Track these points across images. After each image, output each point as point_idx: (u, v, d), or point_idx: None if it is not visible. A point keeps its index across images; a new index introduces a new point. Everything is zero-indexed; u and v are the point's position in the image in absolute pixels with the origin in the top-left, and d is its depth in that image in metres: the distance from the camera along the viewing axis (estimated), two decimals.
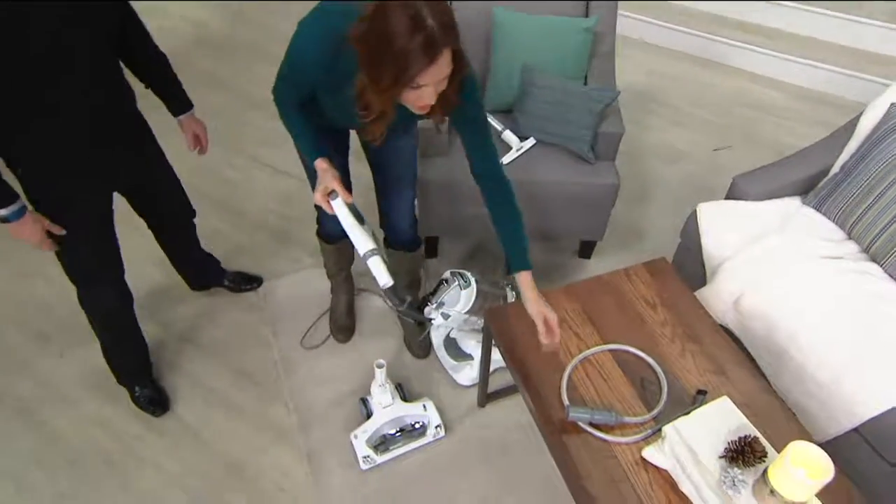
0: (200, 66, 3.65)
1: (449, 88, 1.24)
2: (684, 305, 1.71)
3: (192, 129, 1.89)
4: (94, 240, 1.70)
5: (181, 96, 1.82)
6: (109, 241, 1.75)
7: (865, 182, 1.81)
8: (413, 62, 1.10)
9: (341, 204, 1.47)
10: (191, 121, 1.87)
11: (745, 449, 1.26)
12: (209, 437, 1.97)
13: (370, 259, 1.47)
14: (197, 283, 2.35)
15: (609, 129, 2.19)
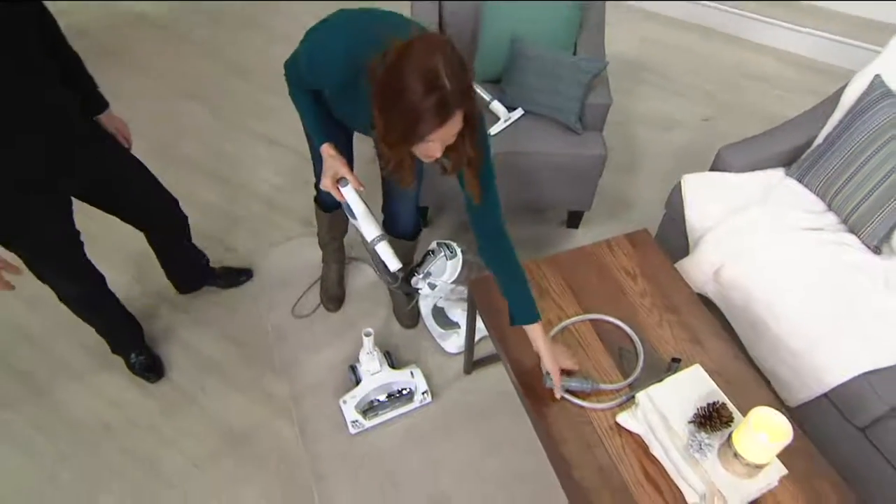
0: (194, 35, 3.60)
1: (462, 144, 1.23)
2: (664, 276, 1.75)
3: (113, 125, 1.78)
4: (49, 251, 1.66)
5: (96, 96, 1.72)
6: (66, 241, 1.70)
7: (847, 154, 1.83)
8: (423, 121, 1.09)
9: (351, 191, 1.48)
10: (110, 118, 1.77)
11: (713, 414, 1.32)
12: (203, 402, 2.03)
13: (378, 245, 1.49)
14: (185, 282, 2.29)
15: (597, 99, 2.19)
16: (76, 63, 1.63)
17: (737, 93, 3.26)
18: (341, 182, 1.48)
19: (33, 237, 1.59)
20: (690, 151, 2.90)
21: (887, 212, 1.74)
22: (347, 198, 1.49)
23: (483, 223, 1.49)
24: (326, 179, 1.47)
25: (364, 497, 1.82)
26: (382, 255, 1.50)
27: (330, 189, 1.47)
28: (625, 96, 3.19)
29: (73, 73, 1.62)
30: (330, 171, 1.47)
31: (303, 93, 1.51)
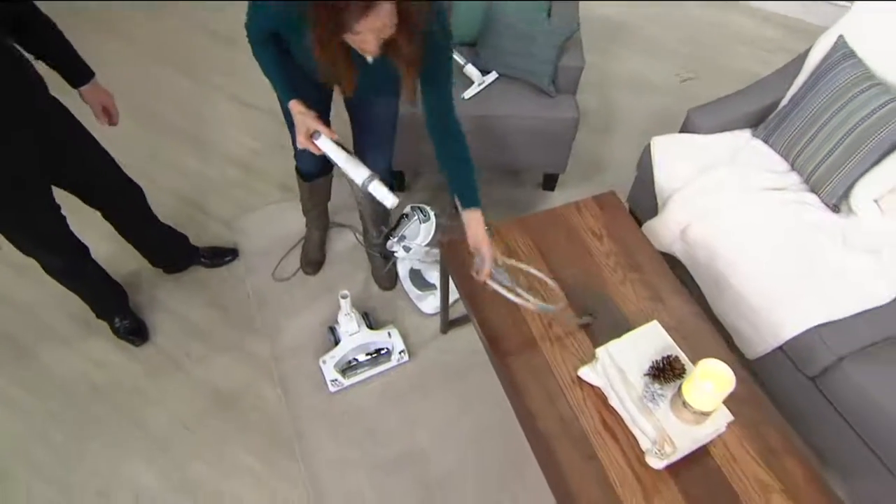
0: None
1: (400, 38, 1.25)
2: (629, 237, 1.80)
3: (98, 99, 1.69)
4: (30, 227, 1.65)
5: (79, 65, 1.63)
6: (48, 219, 1.69)
7: (809, 114, 1.87)
8: (348, 10, 1.13)
9: (326, 141, 1.49)
10: (95, 91, 1.68)
11: (666, 367, 1.39)
12: (187, 365, 2.10)
13: (371, 184, 1.48)
14: (171, 265, 2.29)
15: (570, 62, 2.20)
16: (50, 31, 1.56)
17: (715, 53, 3.26)
18: (315, 136, 1.49)
19: (9, 213, 1.59)
20: (667, 113, 2.92)
21: (845, 171, 1.79)
22: (324, 149, 1.50)
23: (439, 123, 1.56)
24: (300, 136, 1.49)
25: (344, 452, 1.91)
26: (377, 193, 1.48)
27: (306, 145, 1.49)
28: (603, 57, 3.19)
29: (47, 42, 1.56)
30: (302, 126, 1.49)
31: (265, 49, 1.51)
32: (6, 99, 1.44)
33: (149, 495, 1.83)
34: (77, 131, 1.69)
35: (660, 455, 1.35)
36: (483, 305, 1.65)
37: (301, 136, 1.49)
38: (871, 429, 1.59)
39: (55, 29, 1.57)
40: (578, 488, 1.36)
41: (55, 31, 1.58)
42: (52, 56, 1.59)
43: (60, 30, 1.58)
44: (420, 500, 1.82)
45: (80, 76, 1.65)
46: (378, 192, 1.49)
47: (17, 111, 1.49)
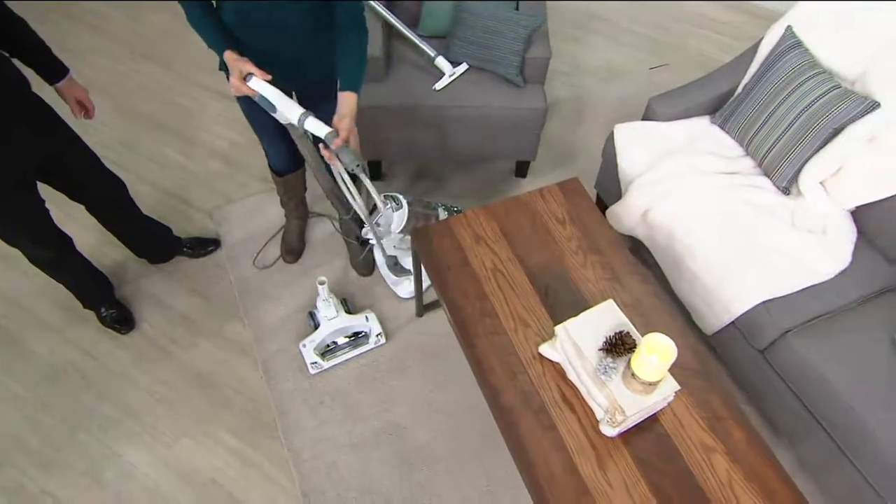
0: None
1: None
2: (591, 221, 1.90)
3: (74, 94, 1.74)
4: (14, 219, 1.71)
5: (53, 62, 1.68)
6: (33, 213, 1.75)
7: (761, 102, 1.96)
8: None
9: (258, 82, 1.54)
10: (71, 87, 1.73)
11: (619, 342, 1.49)
12: (172, 350, 2.18)
13: (306, 121, 1.54)
14: (155, 256, 2.37)
15: (536, 53, 2.28)
16: (22, 30, 1.61)
17: (686, 42, 3.34)
18: (247, 78, 1.54)
19: None
20: (635, 100, 3.00)
21: (793, 155, 1.89)
22: (258, 89, 1.54)
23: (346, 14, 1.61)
24: (234, 79, 1.53)
25: (325, 430, 2.00)
26: (311, 128, 1.54)
27: (242, 89, 1.54)
28: (575, 46, 3.26)
29: (21, 42, 1.61)
30: (235, 71, 1.53)
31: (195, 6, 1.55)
32: (3, 97, 1.51)
33: (138, 474, 1.92)
34: (61, 127, 1.75)
35: (612, 423, 1.46)
36: (452, 290, 1.75)
37: (235, 79, 1.53)
38: (813, 397, 1.71)
39: (28, 27, 1.62)
40: (538, 456, 1.46)
41: (28, 30, 1.63)
42: (27, 54, 1.63)
43: (33, 28, 1.63)
44: (398, 473, 1.92)
45: (55, 73, 1.71)
46: (313, 126, 1.54)
47: (14, 108, 1.56)
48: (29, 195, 1.73)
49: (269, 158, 2.16)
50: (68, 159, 1.80)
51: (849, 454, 1.66)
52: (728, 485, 1.41)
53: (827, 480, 1.79)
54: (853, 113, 1.80)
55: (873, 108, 1.79)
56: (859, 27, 1.88)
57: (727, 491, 1.40)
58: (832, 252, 1.83)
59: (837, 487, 1.75)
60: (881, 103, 1.79)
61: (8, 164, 1.61)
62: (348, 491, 1.89)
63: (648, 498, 1.40)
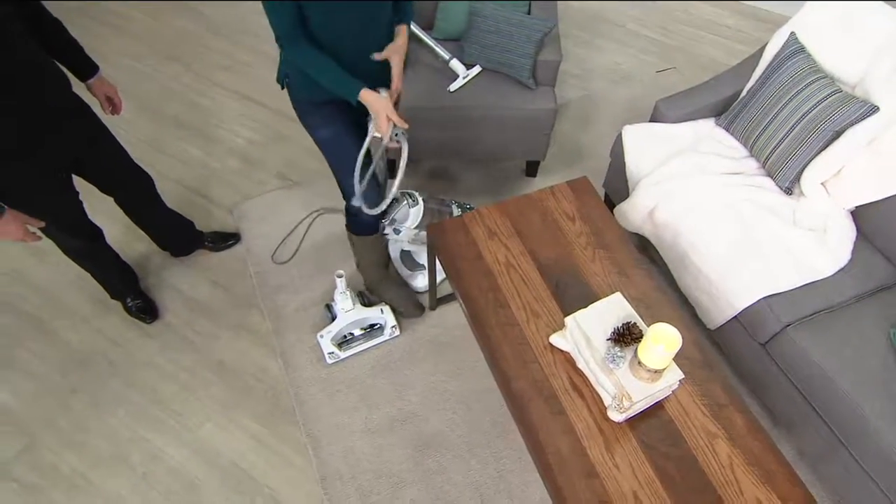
0: None
1: None
2: (599, 219, 1.97)
3: (104, 91, 1.85)
4: (55, 209, 1.81)
5: (85, 60, 1.78)
6: (70, 203, 1.85)
7: (765, 105, 2.03)
8: None
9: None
10: (101, 83, 1.84)
11: (626, 332, 1.56)
12: (195, 340, 2.27)
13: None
14: (178, 249, 2.45)
15: (548, 56, 2.36)
16: (58, 29, 1.71)
17: (692, 45, 3.41)
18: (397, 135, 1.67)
19: (38, 198, 1.75)
20: (643, 102, 3.08)
21: (796, 156, 1.96)
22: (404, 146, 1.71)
23: None
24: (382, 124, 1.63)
25: (341, 417, 2.09)
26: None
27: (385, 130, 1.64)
28: (586, 49, 3.34)
29: (57, 41, 1.70)
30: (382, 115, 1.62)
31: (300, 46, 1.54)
32: (56, 91, 1.62)
33: (164, 456, 2.01)
34: (97, 122, 1.86)
35: (619, 409, 1.53)
36: (466, 283, 1.83)
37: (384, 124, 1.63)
38: (812, 388, 1.78)
39: (63, 27, 1.73)
40: (548, 440, 1.54)
41: (63, 29, 1.73)
42: (62, 52, 1.73)
43: (66, 27, 1.73)
44: (411, 457, 2.00)
45: (87, 70, 1.81)
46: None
47: (61, 101, 1.68)
48: (68, 186, 1.83)
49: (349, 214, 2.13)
50: (101, 151, 1.90)
51: (846, 443, 1.73)
52: (729, 468, 1.48)
53: (825, 469, 1.86)
54: (853, 116, 1.87)
55: (872, 111, 1.86)
56: (858, 33, 1.95)
57: (728, 474, 1.48)
58: (832, 250, 1.90)
59: (835, 476, 1.82)
60: (880, 107, 1.86)
61: (58, 152, 1.72)
62: (363, 474, 1.97)
63: (653, 480, 1.47)
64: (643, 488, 1.46)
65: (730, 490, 1.45)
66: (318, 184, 2.70)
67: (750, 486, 1.46)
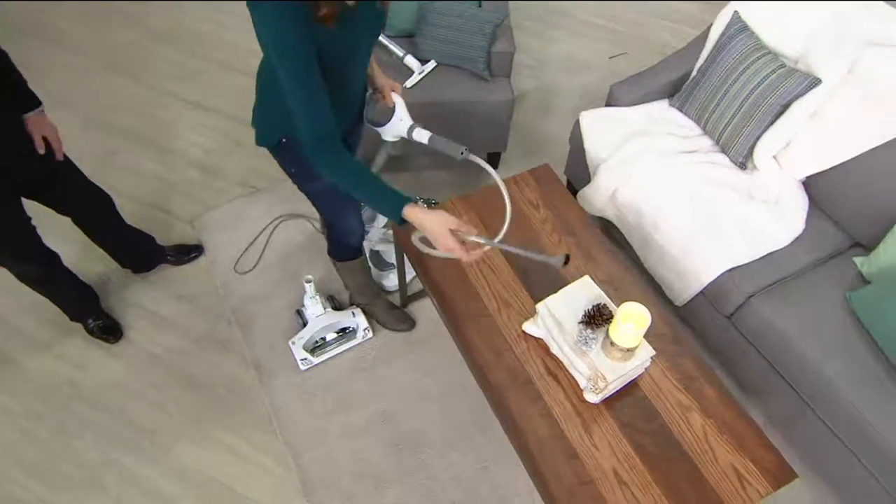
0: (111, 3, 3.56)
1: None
2: (563, 205, 1.99)
3: (41, 130, 1.67)
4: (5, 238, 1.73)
5: (25, 92, 1.65)
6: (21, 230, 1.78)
7: (714, 83, 2.09)
8: None
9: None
10: (39, 121, 1.67)
11: (596, 314, 1.58)
12: (163, 356, 2.21)
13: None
14: (139, 265, 2.38)
15: (501, 48, 2.37)
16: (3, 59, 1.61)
17: (642, 31, 3.47)
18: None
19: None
20: (598, 89, 3.12)
21: (746, 132, 2.02)
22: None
23: None
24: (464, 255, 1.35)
25: (318, 422, 2.06)
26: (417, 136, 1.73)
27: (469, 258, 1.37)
28: (538, 41, 3.37)
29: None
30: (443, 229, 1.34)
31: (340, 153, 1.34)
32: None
33: (138, 478, 1.96)
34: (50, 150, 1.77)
35: (595, 390, 1.55)
36: (436, 276, 1.82)
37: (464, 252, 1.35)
38: (777, 355, 1.83)
39: (7, 58, 1.63)
40: (527, 426, 1.55)
41: (7, 61, 1.63)
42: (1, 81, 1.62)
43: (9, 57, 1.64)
44: (392, 457, 1.99)
45: (27, 102, 1.68)
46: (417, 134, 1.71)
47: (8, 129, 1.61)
48: (18, 214, 1.76)
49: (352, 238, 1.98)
50: (55, 176, 1.83)
51: (812, 405, 1.79)
52: (703, 438, 1.52)
53: (794, 432, 1.92)
54: (798, 90, 1.93)
55: (815, 84, 1.92)
56: (798, 9, 2.02)
57: (703, 444, 1.51)
58: (787, 221, 1.96)
59: (804, 438, 1.88)
60: (822, 79, 1.92)
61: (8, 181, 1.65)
62: (345, 477, 1.95)
63: (631, 456, 1.50)
64: (622, 464, 1.49)
65: (705, 459, 1.49)
66: (281, 189, 2.66)
67: (724, 453, 1.50)
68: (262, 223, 2.55)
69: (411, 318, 2.30)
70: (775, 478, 1.47)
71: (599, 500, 1.44)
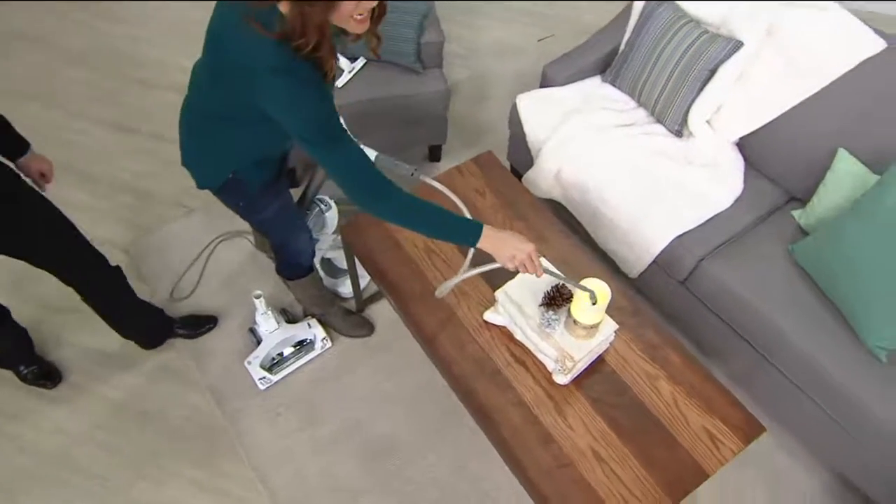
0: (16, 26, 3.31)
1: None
2: (509, 190, 1.98)
3: (38, 168, 1.68)
4: None
5: (14, 138, 1.64)
6: None
7: (643, 55, 2.11)
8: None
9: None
10: (34, 159, 1.67)
11: (556, 295, 1.57)
12: (110, 394, 2.08)
13: None
14: (149, 341, 2.16)
15: (430, 38, 2.34)
16: None
17: (568, 12, 3.50)
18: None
19: None
20: (531, 72, 3.13)
21: (679, 100, 2.05)
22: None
23: None
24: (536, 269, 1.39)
25: (284, 439, 1.98)
26: None
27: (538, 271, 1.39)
28: (466, 31, 3.35)
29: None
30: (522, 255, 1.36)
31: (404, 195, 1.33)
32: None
33: None
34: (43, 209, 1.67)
35: (563, 371, 1.54)
36: (390, 275, 1.77)
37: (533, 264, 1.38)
38: (731, 314, 1.88)
39: None
40: (500, 416, 1.53)
41: None
42: None
43: None
44: (365, 466, 1.94)
45: (17, 148, 1.64)
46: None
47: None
48: None
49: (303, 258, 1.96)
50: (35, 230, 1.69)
51: (769, 358, 1.84)
52: (674, 404, 1.53)
53: (756, 387, 1.97)
54: (722, 54, 1.97)
55: (738, 47, 1.97)
56: None
57: (674, 410, 1.52)
58: (727, 183, 2.01)
59: (766, 391, 1.93)
60: (744, 42, 1.98)
61: None
62: (318, 493, 1.88)
63: (607, 432, 1.50)
64: (598, 441, 1.48)
65: (678, 424, 1.50)
66: (217, 206, 2.52)
67: (695, 416, 1.52)
68: (200, 244, 2.43)
69: (369, 323, 2.24)
70: (745, 433, 1.50)
71: (580, 480, 1.43)
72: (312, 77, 1.18)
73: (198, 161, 1.60)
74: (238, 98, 1.29)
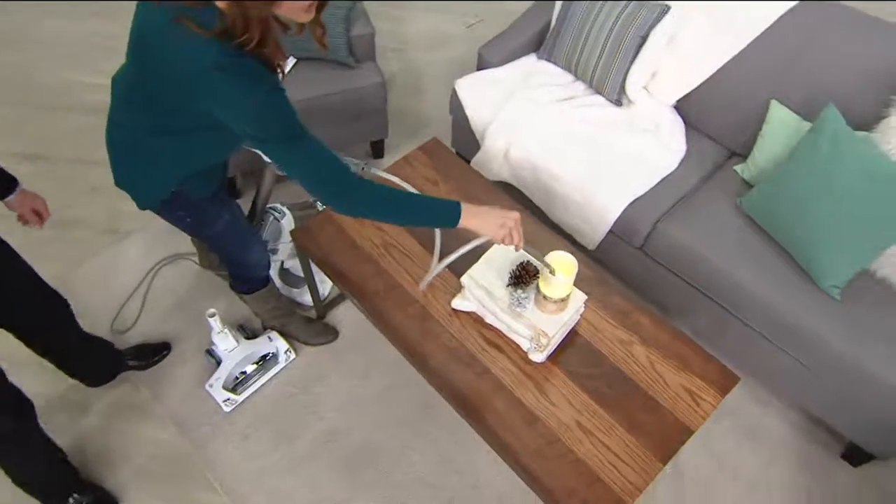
0: None
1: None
2: (460, 175, 1.95)
3: (29, 206, 1.58)
4: None
5: (3, 175, 1.52)
6: None
7: (575, 28, 2.12)
8: None
9: None
10: (24, 197, 1.57)
11: (522, 273, 1.55)
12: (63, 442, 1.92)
13: None
14: (100, 378, 2.01)
15: (360, 31, 2.28)
16: None
17: None
18: None
19: None
20: (466, 58, 3.11)
21: (615, 69, 2.07)
22: None
23: None
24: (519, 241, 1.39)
25: (258, 459, 1.89)
26: None
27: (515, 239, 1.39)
28: (394, 24, 3.30)
29: None
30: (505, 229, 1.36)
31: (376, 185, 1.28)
32: None
33: None
34: None
35: (539, 348, 1.53)
36: (349, 276, 1.71)
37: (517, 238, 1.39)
38: (691, 272, 1.91)
39: None
40: (482, 403, 1.50)
41: None
42: None
43: None
44: (347, 475, 1.87)
45: (6, 186, 1.53)
46: None
47: None
48: None
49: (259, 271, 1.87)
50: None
51: (732, 311, 1.88)
52: (651, 367, 1.54)
53: (723, 342, 2.01)
54: (651, 19, 2.00)
55: (666, 11, 2.01)
56: None
57: (652, 373, 1.53)
58: (671, 146, 2.04)
59: (732, 344, 1.98)
60: (671, 6, 2.01)
61: None
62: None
63: (589, 403, 1.49)
64: (582, 414, 1.47)
65: (657, 386, 1.51)
66: (154, 227, 2.40)
67: (672, 376, 1.53)
68: (139, 270, 2.29)
69: (333, 328, 2.17)
70: (721, 386, 1.53)
71: (568, 454, 1.42)
72: (262, 73, 1.11)
73: (134, 180, 1.48)
74: (176, 105, 1.21)
